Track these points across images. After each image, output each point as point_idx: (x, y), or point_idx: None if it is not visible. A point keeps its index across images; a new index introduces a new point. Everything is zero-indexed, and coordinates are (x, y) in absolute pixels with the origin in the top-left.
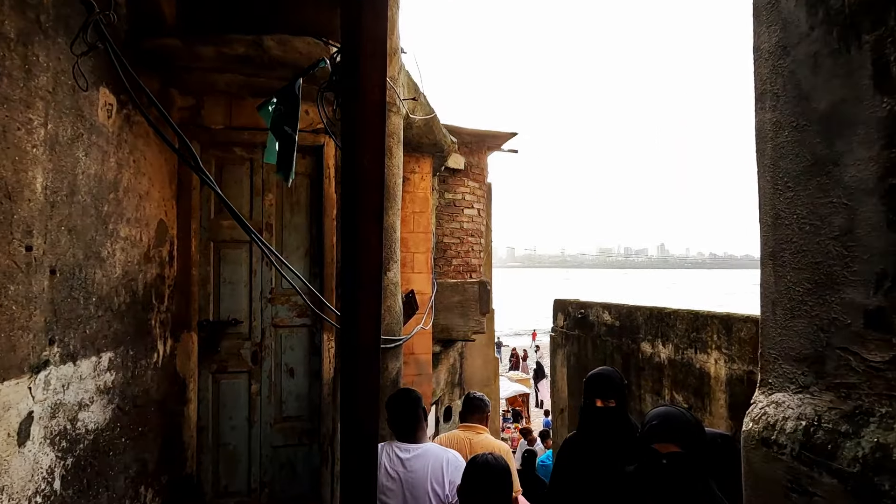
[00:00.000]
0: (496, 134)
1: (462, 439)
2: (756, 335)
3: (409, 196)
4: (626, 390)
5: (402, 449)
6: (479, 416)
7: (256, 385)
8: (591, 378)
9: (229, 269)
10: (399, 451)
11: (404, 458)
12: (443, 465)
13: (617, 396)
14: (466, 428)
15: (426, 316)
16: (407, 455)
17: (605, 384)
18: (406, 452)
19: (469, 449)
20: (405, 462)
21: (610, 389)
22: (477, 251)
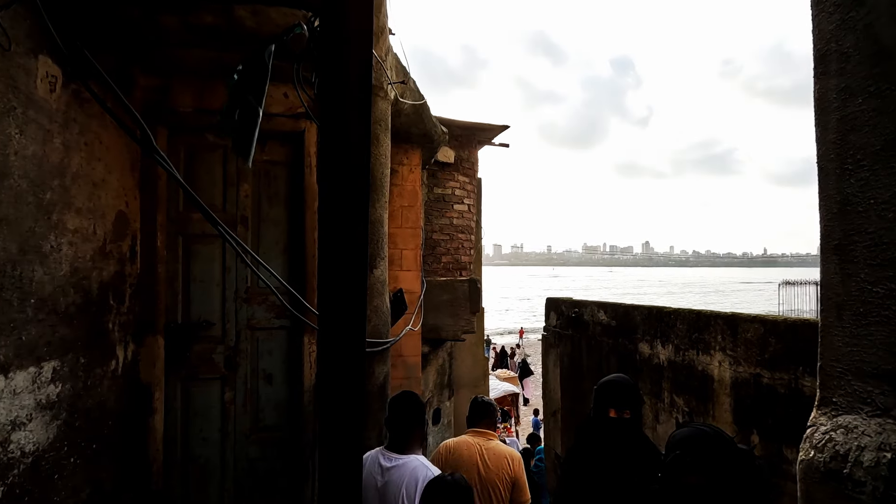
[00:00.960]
0: (487, 126)
1: (472, 445)
2: (764, 336)
3: (397, 189)
4: (641, 400)
5: (385, 457)
6: (489, 420)
7: (230, 393)
8: (605, 386)
9: (200, 266)
10: (382, 458)
11: (385, 466)
12: (417, 483)
13: (633, 407)
14: (477, 433)
15: (415, 316)
16: (388, 464)
17: (621, 393)
18: (388, 461)
19: (481, 455)
20: (384, 471)
21: (625, 399)
22: (467, 248)
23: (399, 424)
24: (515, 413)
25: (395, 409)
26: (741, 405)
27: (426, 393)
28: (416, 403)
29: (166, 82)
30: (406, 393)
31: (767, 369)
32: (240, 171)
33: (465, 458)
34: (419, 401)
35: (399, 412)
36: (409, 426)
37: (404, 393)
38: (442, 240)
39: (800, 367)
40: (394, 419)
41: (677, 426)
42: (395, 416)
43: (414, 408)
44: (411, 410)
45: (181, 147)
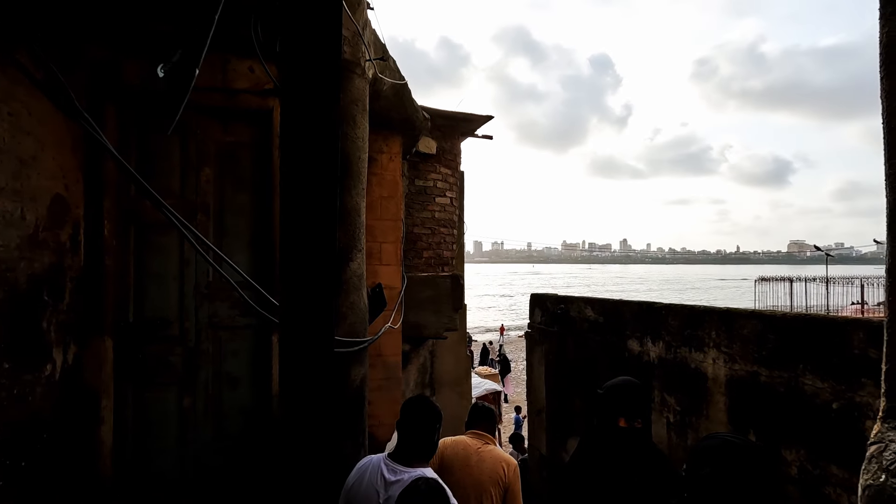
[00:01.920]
0: (471, 117)
1: (469, 446)
2: (762, 332)
3: (377, 178)
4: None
5: (390, 468)
6: (489, 424)
7: (190, 399)
8: (614, 392)
9: (156, 258)
10: (386, 469)
11: (389, 480)
12: None
13: (645, 415)
14: (475, 435)
15: (395, 313)
16: (393, 477)
17: (632, 400)
18: (393, 474)
19: (477, 457)
20: (388, 485)
21: (637, 406)
22: (449, 243)
23: (411, 432)
24: (498, 411)
25: (410, 414)
26: (737, 404)
27: (407, 393)
28: (433, 412)
29: (118, 56)
30: (423, 398)
31: (765, 367)
32: (201, 153)
33: (461, 457)
34: (437, 410)
35: (413, 419)
36: (421, 436)
37: (421, 398)
38: (423, 234)
39: (800, 364)
40: (406, 425)
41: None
42: (409, 423)
43: (431, 416)
44: (427, 419)
45: (133, 127)
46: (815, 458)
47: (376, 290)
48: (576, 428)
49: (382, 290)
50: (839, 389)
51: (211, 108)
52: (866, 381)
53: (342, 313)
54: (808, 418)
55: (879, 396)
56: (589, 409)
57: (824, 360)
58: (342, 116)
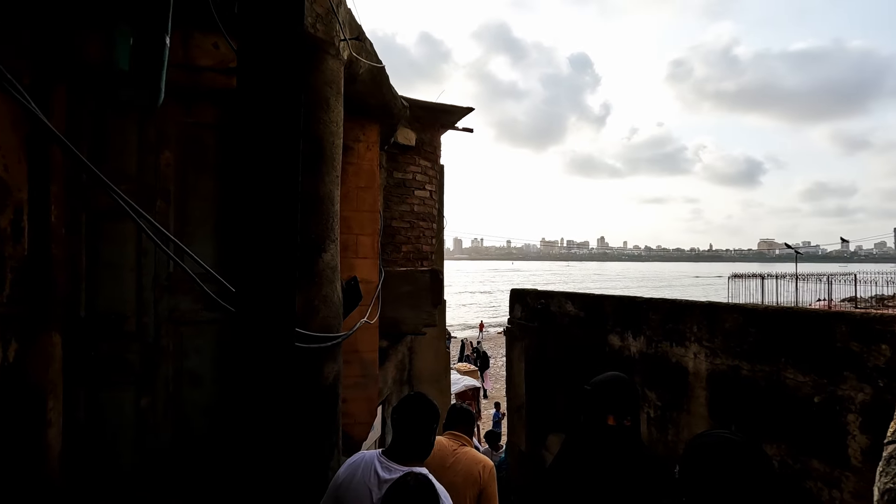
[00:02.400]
0: (451, 108)
1: (446, 447)
2: (743, 326)
3: (353, 168)
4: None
5: (385, 467)
6: (467, 426)
7: (148, 398)
8: (602, 388)
9: (111, 248)
10: (381, 468)
11: (383, 477)
12: None
13: (634, 412)
14: (452, 436)
15: (371, 308)
16: (387, 475)
17: (622, 396)
18: (387, 472)
19: (453, 458)
20: (381, 483)
21: (627, 403)
22: (428, 237)
23: (407, 429)
24: (476, 407)
25: (409, 412)
26: (718, 399)
27: (384, 390)
28: (432, 410)
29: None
30: (421, 396)
31: (747, 361)
32: (161, 135)
33: (437, 458)
34: (435, 409)
35: (412, 416)
36: (418, 434)
37: (420, 395)
38: (402, 227)
39: (782, 358)
40: (403, 422)
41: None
42: (407, 421)
43: (429, 415)
44: (426, 417)
45: (86, 106)
46: (796, 452)
47: (351, 284)
48: (556, 424)
49: (358, 284)
50: (821, 383)
51: (172, 87)
52: (849, 375)
53: (314, 307)
54: (790, 412)
55: (861, 390)
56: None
57: (806, 353)
58: (315, 99)
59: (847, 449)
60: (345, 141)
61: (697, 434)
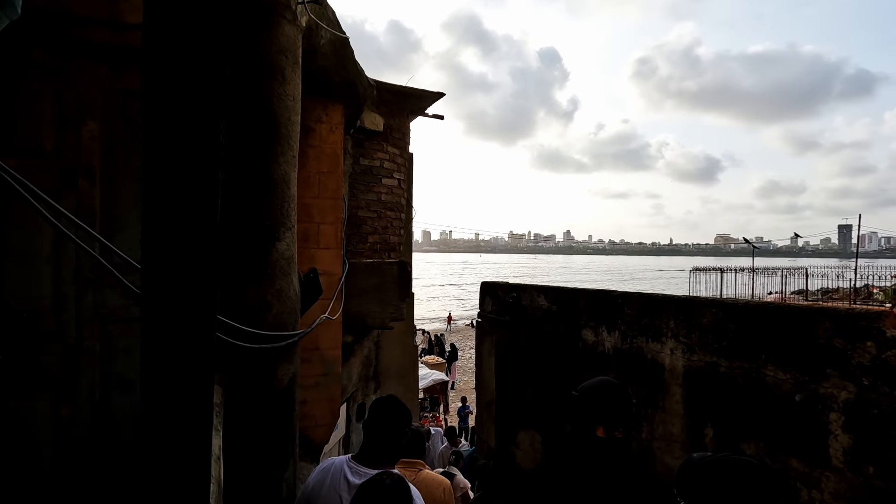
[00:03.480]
0: (421, 93)
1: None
2: (722, 322)
3: (315, 151)
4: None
5: (354, 472)
6: (418, 451)
7: (69, 408)
8: (591, 395)
9: (21, 234)
10: (350, 473)
11: (353, 482)
12: None
13: (626, 423)
14: (406, 464)
15: (334, 302)
16: (356, 480)
17: (613, 405)
18: (357, 477)
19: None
20: (351, 488)
21: (619, 413)
22: (396, 227)
23: (379, 434)
24: (444, 401)
25: (380, 415)
26: (694, 396)
27: (349, 387)
28: (402, 412)
29: None
30: (393, 399)
31: (725, 357)
32: (83, 104)
33: None
34: (407, 412)
35: (383, 420)
36: (388, 437)
37: (392, 398)
38: (368, 217)
39: (762, 355)
40: (375, 426)
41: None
42: (378, 424)
43: (401, 418)
44: (396, 419)
45: None
46: (775, 451)
47: (310, 276)
48: (527, 421)
49: (318, 276)
50: (802, 381)
51: (96, 47)
52: (831, 373)
53: (266, 303)
54: (769, 411)
55: (845, 388)
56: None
57: (787, 350)
58: (268, 68)
59: (828, 448)
60: (306, 122)
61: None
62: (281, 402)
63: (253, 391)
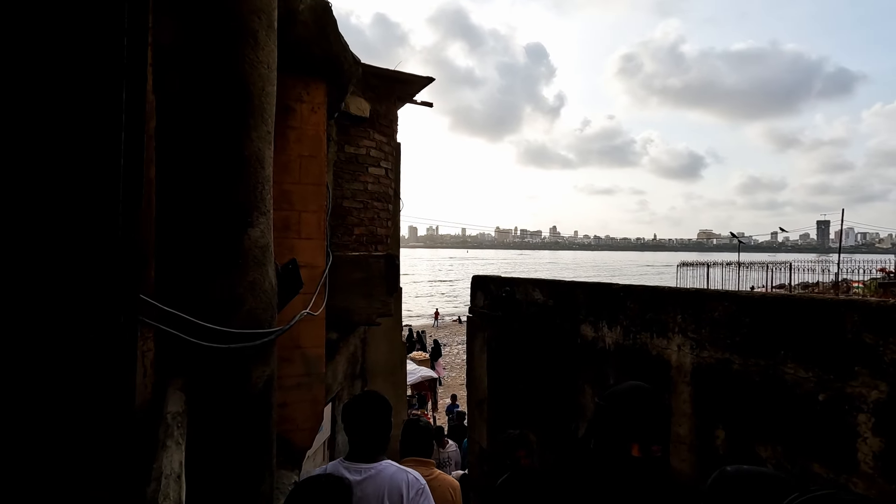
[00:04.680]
0: (409, 78)
1: None
2: (735, 316)
3: (295, 133)
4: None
5: (351, 470)
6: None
7: None
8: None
9: None
10: (348, 472)
11: (353, 480)
12: (402, 490)
13: (664, 438)
14: (418, 463)
15: (316, 297)
16: (357, 477)
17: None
18: (356, 474)
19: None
20: (354, 486)
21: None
22: (384, 219)
23: (364, 429)
24: (433, 398)
25: (359, 411)
26: (704, 395)
27: (334, 386)
28: (383, 404)
29: None
30: (370, 393)
31: (739, 354)
32: None
33: None
34: (386, 402)
35: (363, 415)
36: (376, 430)
37: (369, 393)
38: (354, 208)
39: (781, 350)
40: (357, 424)
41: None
42: (359, 420)
43: (381, 409)
44: (378, 412)
45: None
46: (794, 454)
47: (289, 268)
48: (521, 421)
49: (297, 268)
50: (827, 379)
51: None
52: (860, 371)
53: (238, 297)
54: (788, 411)
55: (875, 387)
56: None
57: (810, 346)
58: (238, 30)
59: (856, 453)
60: (285, 101)
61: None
62: (256, 408)
63: (223, 396)
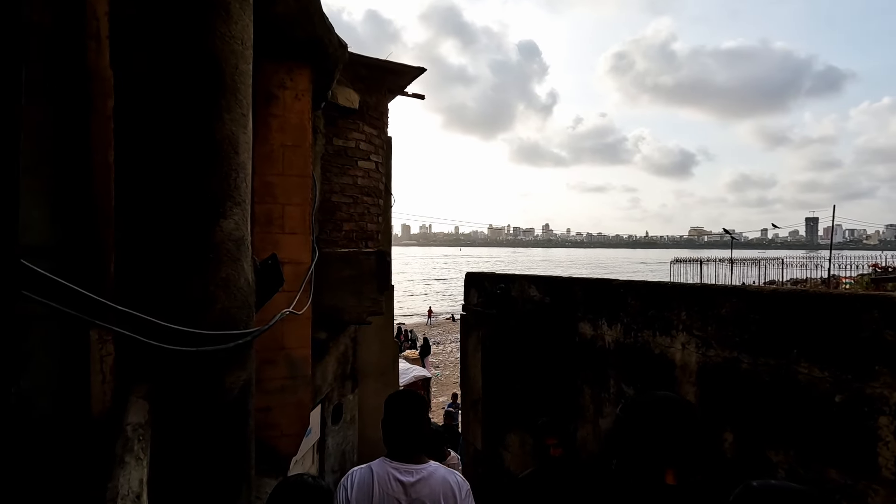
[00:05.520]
0: (400, 68)
1: None
2: (744, 312)
3: (278, 122)
4: None
5: (401, 470)
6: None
7: None
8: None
9: None
10: (398, 472)
11: (406, 481)
12: (455, 491)
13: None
14: None
15: (301, 294)
16: (409, 479)
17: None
18: (408, 475)
19: None
20: (408, 488)
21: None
22: (374, 214)
23: (409, 429)
24: (427, 397)
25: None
26: (710, 396)
27: (324, 387)
28: (422, 403)
29: None
30: (404, 393)
31: (748, 353)
32: None
33: None
34: (423, 400)
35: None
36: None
37: (402, 393)
38: (343, 203)
39: (793, 349)
40: (402, 423)
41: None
42: (404, 419)
43: (423, 408)
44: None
45: None
46: (808, 459)
47: (268, 263)
48: (517, 422)
49: (278, 263)
50: (844, 379)
51: None
52: (881, 370)
53: (210, 294)
54: (802, 413)
55: None
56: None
57: (825, 344)
58: (208, 2)
59: (877, 458)
60: (267, 87)
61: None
62: (231, 416)
63: (193, 404)
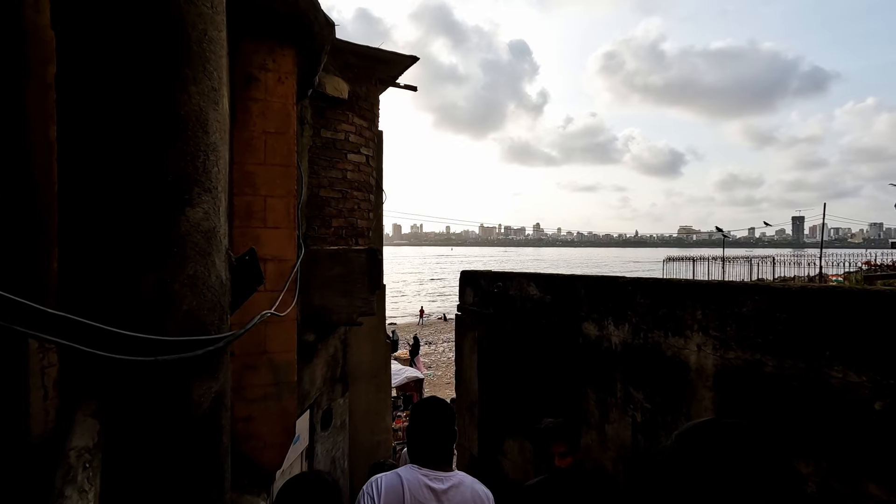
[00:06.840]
0: (391, 57)
1: None
2: (767, 311)
3: (259, 106)
4: None
5: (431, 478)
6: None
7: None
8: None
9: None
10: (428, 479)
11: (438, 489)
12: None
13: None
14: None
15: (286, 294)
16: (441, 486)
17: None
18: (439, 482)
19: None
20: (440, 495)
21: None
22: (365, 210)
23: (439, 435)
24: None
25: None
26: (729, 402)
27: (312, 392)
28: (451, 410)
29: None
30: (432, 400)
31: (772, 355)
32: None
33: None
34: (452, 407)
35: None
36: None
37: (430, 400)
38: (332, 198)
39: (825, 351)
40: (432, 429)
41: None
42: (434, 425)
43: (451, 415)
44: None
45: None
46: (843, 471)
47: (246, 259)
48: (515, 426)
49: (256, 259)
50: (885, 385)
51: None
52: None
53: (173, 294)
54: (835, 421)
55: None
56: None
57: (862, 346)
58: None
59: None
60: (248, 69)
61: None
62: (200, 434)
63: (153, 422)
